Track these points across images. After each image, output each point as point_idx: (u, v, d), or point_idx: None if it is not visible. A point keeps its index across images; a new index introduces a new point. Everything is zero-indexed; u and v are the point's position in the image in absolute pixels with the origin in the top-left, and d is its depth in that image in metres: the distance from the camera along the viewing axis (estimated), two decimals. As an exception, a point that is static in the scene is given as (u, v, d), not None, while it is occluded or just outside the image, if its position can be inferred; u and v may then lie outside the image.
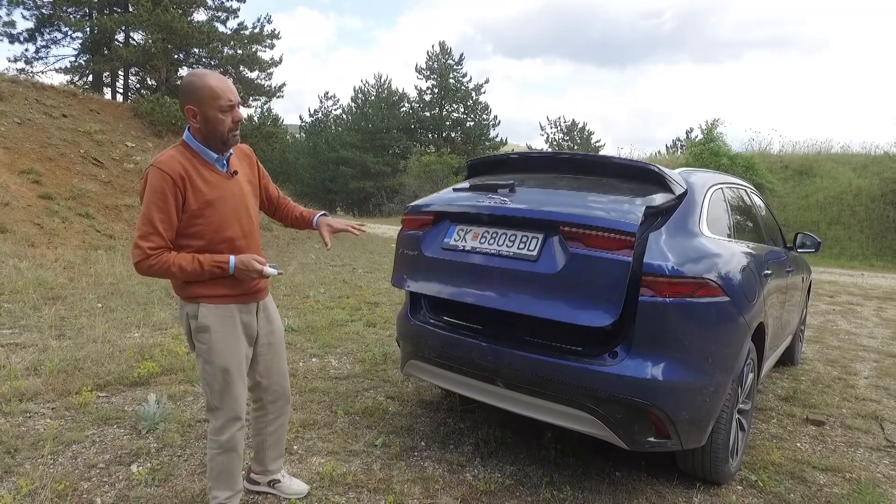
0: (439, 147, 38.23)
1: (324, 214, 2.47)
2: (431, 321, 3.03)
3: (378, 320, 6.09)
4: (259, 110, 26.69)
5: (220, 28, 18.81)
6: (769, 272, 3.17)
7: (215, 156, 2.08)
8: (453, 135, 40.43)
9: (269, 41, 19.92)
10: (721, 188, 3.18)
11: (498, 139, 40.23)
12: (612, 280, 2.27)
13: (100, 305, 5.90)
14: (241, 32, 19.44)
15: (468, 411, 3.58)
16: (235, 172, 2.15)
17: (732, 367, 2.56)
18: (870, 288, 11.17)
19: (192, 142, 2.06)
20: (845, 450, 3.36)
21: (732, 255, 2.75)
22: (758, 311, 2.84)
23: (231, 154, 2.15)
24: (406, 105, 41.94)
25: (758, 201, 4.13)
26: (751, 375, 2.93)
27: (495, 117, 40.32)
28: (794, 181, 19.76)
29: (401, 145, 40.32)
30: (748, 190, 3.95)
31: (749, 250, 3.03)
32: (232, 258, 2.04)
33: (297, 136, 46.13)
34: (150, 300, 6.22)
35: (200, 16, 18.72)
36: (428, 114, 40.54)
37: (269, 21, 19.95)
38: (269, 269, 2.09)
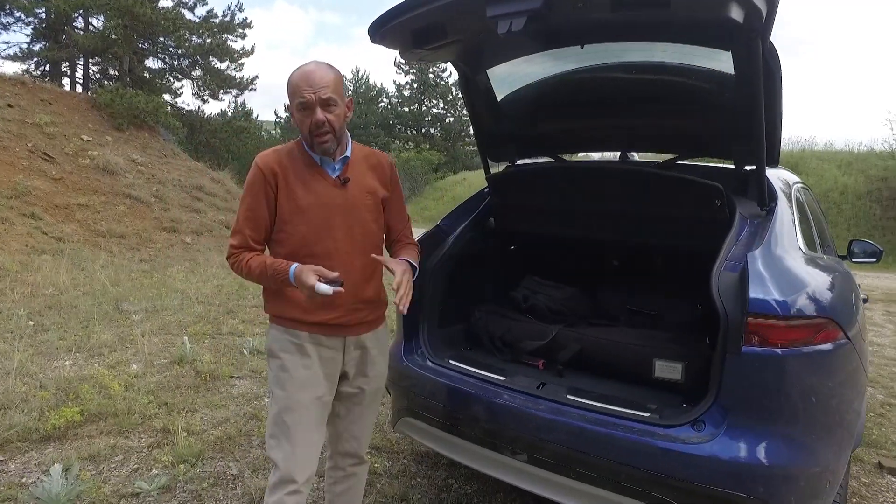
0: (418, 143, 37.47)
1: (407, 262, 1.89)
2: (431, 364, 2.30)
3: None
4: (233, 104, 25.61)
5: (188, 15, 17.73)
6: (862, 295, 2.51)
7: (318, 158, 1.79)
8: (433, 131, 39.64)
9: (241, 30, 18.88)
10: (801, 188, 2.51)
11: (478, 136, 39.64)
12: None
13: (31, 323, 5.03)
14: (211, 21, 18.37)
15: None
16: (347, 180, 1.80)
17: (853, 434, 1.88)
18: (868, 289, 10.75)
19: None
20: (942, 511, 2.72)
21: (835, 277, 2.07)
22: (865, 350, 2.17)
23: (348, 158, 1.82)
24: (384, 100, 41.03)
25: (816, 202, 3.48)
26: None
27: (476, 113, 39.72)
28: (781, 179, 19.51)
29: (379, 141, 39.36)
30: (809, 187, 3.29)
31: (843, 268, 2.36)
32: (293, 266, 1.68)
33: (273, 132, 44.93)
34: (92, 316, 5.35)
35: (166, 2, 17.61)
36: (407, 109, 39.70)
37: (240, 9, 18.88)
38: (322, 287, 1.57)
